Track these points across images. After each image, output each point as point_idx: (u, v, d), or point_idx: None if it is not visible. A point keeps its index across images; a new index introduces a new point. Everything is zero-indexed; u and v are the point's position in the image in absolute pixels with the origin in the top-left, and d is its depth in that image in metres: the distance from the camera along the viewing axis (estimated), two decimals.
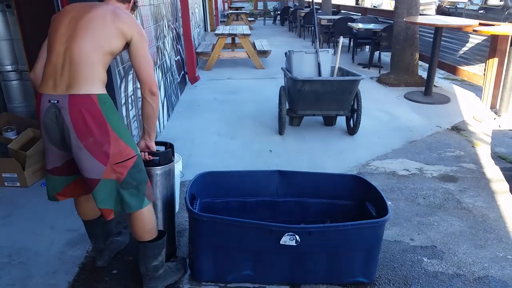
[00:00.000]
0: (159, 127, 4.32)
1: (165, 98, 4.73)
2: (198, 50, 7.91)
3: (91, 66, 1.76)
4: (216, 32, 8.10)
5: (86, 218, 2.20)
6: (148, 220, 1.98)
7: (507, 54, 4.55)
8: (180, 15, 6.37)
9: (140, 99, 1.99)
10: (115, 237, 2.39)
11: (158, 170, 2.13)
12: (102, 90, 1.80)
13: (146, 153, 2.09)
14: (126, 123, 3.27)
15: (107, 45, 1.79)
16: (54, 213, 2.84)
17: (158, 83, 4.41)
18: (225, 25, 10.88)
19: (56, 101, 1.74)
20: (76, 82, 1.74)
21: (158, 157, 2.12)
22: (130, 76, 3.45)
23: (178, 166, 2.73)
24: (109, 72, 2.45)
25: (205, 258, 2.06)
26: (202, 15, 12.03)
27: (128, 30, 1.83)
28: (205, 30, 13.24)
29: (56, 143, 1.85)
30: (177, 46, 6.00)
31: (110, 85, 2.65)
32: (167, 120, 4.77)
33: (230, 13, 16.47)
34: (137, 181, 1.90)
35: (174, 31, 5.73)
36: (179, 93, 5.72)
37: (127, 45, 1.87)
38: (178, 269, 2.20)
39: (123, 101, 3.22)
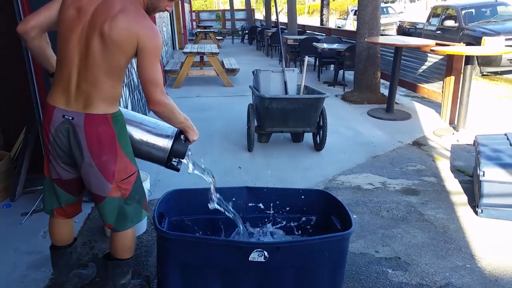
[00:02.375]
0: None
1: None
2: (167, 68, 7.92)
3: (109, 86, 1.75)
4: (185, 50, 8.15)
5: (59, 243, 2.11)
6: (131, 238, 2.02)
7: (462, 73, 4.81)
8: None
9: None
10: (80, 270, 2.27)
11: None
12: (116, 107, 1.82)
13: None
14: None
15: (118, 64, 1.74)
16: (17, 235, 2.76)
17: (125, 101, 4.39)
18: (194, 44, 10.95)
19: (71, 118, 1.74)
20: (95, 102, 1.74)
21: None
22: None
23: (146, 184, 2.72)
24: None
25: (174, 277, 2.04)
26: (170, 34, 12.07)
27: (123, 38, 1.68)
28: (174, 48, 13.26)
29: (62, 158, 1.84)
30: None
31: None
32: None
33: (198, 31, 16.61)
34: (139, 195, 1.96)
35: None
36: (147, 112, 5.68)
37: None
38: (143, 286, 2.20)
39: None
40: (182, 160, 2.12)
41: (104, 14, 1.69)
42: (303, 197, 2.46)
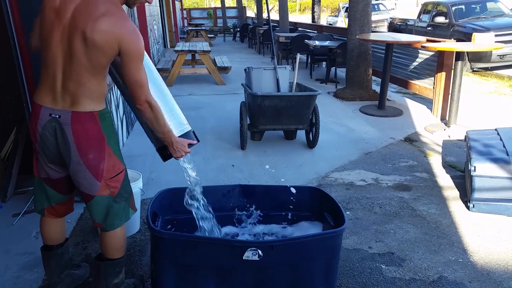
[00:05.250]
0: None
1: (124, 115, 4.67)
2: (158, 67, 7.87)
3: (94, 84, 1.76)
4: (176, 48, 8.11)
5: (50, 243, 2.10)
6: (122, 237, 2.01)
7: (453, 69, 4.84)
8: None
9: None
10: (72, 270, 2.24)
11: None
12: (103, 105, 1.83)
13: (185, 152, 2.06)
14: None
15: (100, 63, 1.74)
16: (8, 236, 2.73)
17: (117, 100, 4.36)
18: (185, 42, 10.90)
19: (57, 116, 1.75)
20: (81, 100, 1.75)
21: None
22: None
23: (138, 184, 2.71)
24: None
25: (168, 277, 2.03)
26: (161, 32, 12.00)
27: (106, 41, 1.68)
28: (165, 47, 13.21)
29: (50, 157, 1.85)
30: None
31: None
32: (127, 137, 4.71)
33: (189, 29, 16.53)
34: (127, 193, 1.97)
35: None
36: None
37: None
38: (136, 285, 2.20)
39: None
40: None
41: (86, 15, 1.68)
42: (296, 194, 2.46)
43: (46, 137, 1.79)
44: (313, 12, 15.56)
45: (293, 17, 29.89)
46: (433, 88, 5.51)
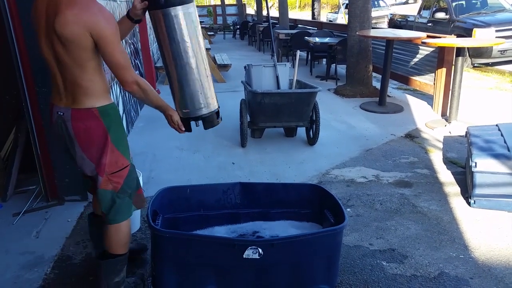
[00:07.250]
0: None
1: (124, 114, 4.67)
2: (158, 65, 7.86)
3: (87, 80, 1.78)
4: None
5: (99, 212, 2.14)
6: (126, 233, 2.03)
7: (453, 64, 4.83)
8: (137, 29, 6.33)
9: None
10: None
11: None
12: (105, 101, 1.85)
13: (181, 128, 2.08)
14: None
15: (84, 59, 1.74)
16: (9, 236, 2.73)
17: (117, 98, 4.35)
18: None
19: (62, 113, 1.83)
20: (79, 98, 1.80)
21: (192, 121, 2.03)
22: None
23: None
24: None
25: (168, 275, 2.03)
26: None
27: (75, 32, 1.65)
28: None
29: (66, 150, 1.95)
30: (136, 61, 5.95)
31: None
32: (127, 136, 4.69)
33: None
34: (131, 189, 2.00)
35: (131, 46, 5.68)
36: (138, 108, 5.65)
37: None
38: (137, 284, 2.20)
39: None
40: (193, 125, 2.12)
41: (53, 13, 1.67)
42: (296, 191, 2.46)
43: (57, 133, 1.89)
44: (313, 9, 15.52)
45: (293, 14, 29.81)
46: (434, 84, 5.49)
